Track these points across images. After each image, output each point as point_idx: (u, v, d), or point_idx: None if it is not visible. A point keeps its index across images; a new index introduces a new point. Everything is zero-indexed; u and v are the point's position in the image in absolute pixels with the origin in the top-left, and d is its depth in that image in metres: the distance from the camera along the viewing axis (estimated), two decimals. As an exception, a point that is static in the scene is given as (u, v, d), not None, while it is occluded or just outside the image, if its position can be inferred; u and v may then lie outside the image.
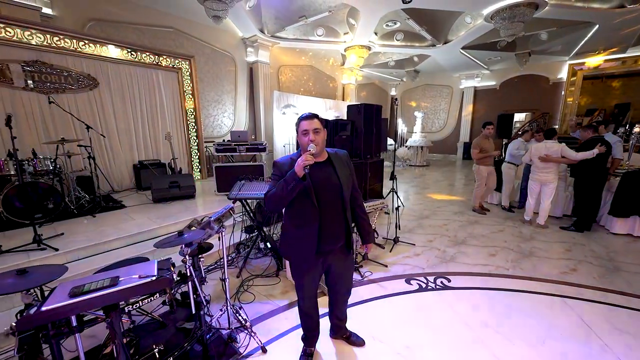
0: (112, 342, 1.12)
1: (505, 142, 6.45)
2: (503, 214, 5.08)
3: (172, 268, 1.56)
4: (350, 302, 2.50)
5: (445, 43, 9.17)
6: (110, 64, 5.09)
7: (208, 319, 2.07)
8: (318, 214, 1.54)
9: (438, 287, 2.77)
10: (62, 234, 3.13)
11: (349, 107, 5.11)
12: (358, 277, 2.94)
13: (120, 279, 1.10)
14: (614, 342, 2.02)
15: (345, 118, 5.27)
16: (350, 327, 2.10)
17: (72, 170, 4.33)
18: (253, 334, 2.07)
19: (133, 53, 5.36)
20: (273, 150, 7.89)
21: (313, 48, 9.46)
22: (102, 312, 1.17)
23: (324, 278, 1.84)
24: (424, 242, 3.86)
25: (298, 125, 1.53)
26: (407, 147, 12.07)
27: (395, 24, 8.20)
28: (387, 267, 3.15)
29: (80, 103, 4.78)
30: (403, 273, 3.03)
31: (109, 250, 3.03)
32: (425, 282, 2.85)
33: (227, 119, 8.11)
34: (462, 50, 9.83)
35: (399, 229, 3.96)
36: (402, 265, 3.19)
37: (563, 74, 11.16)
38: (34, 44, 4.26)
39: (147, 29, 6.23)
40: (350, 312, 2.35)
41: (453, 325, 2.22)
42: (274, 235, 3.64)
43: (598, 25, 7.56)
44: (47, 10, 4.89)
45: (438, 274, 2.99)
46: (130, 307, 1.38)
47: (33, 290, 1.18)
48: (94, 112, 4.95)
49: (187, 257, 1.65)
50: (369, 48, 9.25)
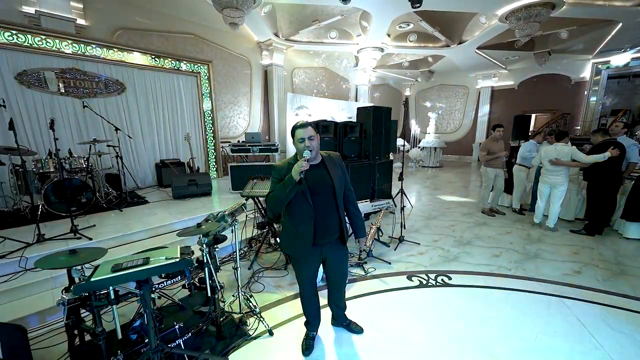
0: (143, 310, 1.34)
1: (512, 144, 6.45)
2: (513, 217, 5.07)
3: (191, 254, 1.79)
4: (353, 295, 2.68)
5: (460, 43, 9.10)
6: (136, 70, 5.49)
7: (221, 304, 2.30)
8: (313, 212, 1.72)
9: (438, 284, 2.88)
10: (94, 226, 3.47)
11: (359, 109, 5.24)
12: (362, 272, 3.10)
13: (151, 259, 1.33)
14: (607, 340, 2.07)
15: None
16: (351, 317, 2.26)
17: (101, 168, 4.74)
18: (262, 319, 2.28)
19: (156, 59, 5.74)
20: (286, 151, 8.13)
21: (326, 50, 9.63)
22: (134, 287, 1.40)
23: (322, 267, 2.01)
24: (429, 241, 3.95)
25: (293, 133, 1.69)
26: (420, 148, 12.01)
27: (408, 26, 8.24)
28: (390, 264, 3.29)
29: (109, 106, 5.20)
30: (405, 270, 3.16)
31: (135, 241, 3.34)
32: (426, 279, 2.97)
33: (242, 120, 8.44)
34: (477, 50, 9.70)
35: (405, 229, 4.07)
36: (405, 263, 3.32)
37: (586, 73, 10.75)
38: (70, 53, 4.68)
39: (169, 36, 6.63)
40: (352, 303, 2.53)
41: (449, 319, 2.34)
42: (284, 232, 3.85)
43: (621, 24, 7.30)
44: (81, 21, 5.35)
45: (439, 272, 3.10)
46: (156, 286, 1.61)
47: (81, 267, 1.43)
48: (121, 114, 5.36)
49: (204, 246, 1.88)
50: (382, 49, 9.32)
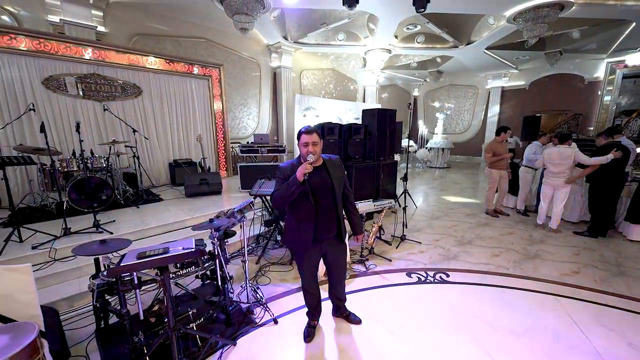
0: (163, 293, 1.53)
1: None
2: (517, 218, 5.10)
3: (204, 246, 1.98)
4: (354, 289, 2.84)
5: (468, 44, 9.09)
6: (152, 74, 5.77)
7: (231, 295, 2.49)
8: (315, 211, 1.87)
9: (436, 281, 3.00)
10: (113, 221, 3.73)
11: (364, 111, 5.37)
12: (363, 269, 3.24)
13: (170, 249, 1.52)
14: (595, 336, 2.16)
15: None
16: (351, 309, 2.41)
17: (119, 167, 5.03)
18: (267, 309, 2.46)
19: (170, 63, 6.01)
20: (293, 151, 8.33)
21: (334, 52, 9.78)
22: (155, 274, 1.60)
23: (323, 261, 2.16)
24: (430, 240, 4.06)
25: (299, 137, 1.85)
26: (427, 148, 12.01)
27: (416, 27, 8.31)
28: (391, 261, 3.42)
29: (127, 109, 5.50)
30: (405, 267, 3.28)
31: (151, 236, 3.58)
32: (425, 276, 3.09)
33: (251, 121, 8.69)
34: (486, 51, 9.66)
35: (407, 228, 4.19)
36: (405, 261, 3.44)
37: (600, 73, 10.54)
38: (91, 59, 4.98)
39: (182, 40, 6.92)
40: (353, 297, 2.68)
41: (444, 313, 2.46)
42: (290, 229, 4.03)
43: (635, 23, 7.17)
44: (101, 28, 5.67)
45: (438, 270, 3.21)
46: (173, 275, 1.81)
47: (111, 254, 1.64)
48: (138, 116, 5.66)
49: (215, 239, 2.07)
50: (390, 51, 9.40)
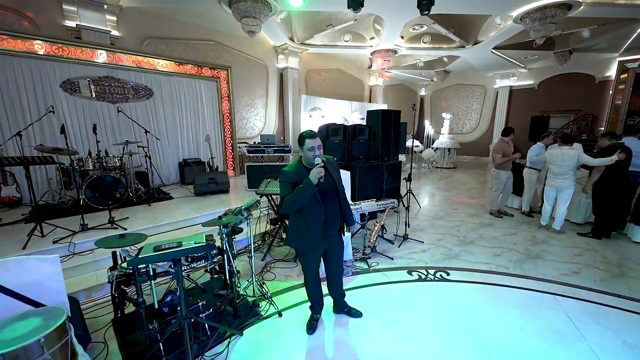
0: (176, 283, 1.66)
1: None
2: (521, 219, 5.11)
3: (214, 240, 2.11)
4: (355, 285, 2.94)
5: (475, 44, 9.06)
6: (163, 76, 5.96)
7: (237, 289, 2.62)
8: (323, 209, 2.00)
9: (437, 279, 3.08)
10: (127, 218, 3.91)
11: (369, 112, 5.45)
12: (365, 266, 3.34)
13: (183, 243, 1.65)
14: (591, 334, 2.21)
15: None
16: (352, 305, 2.50)
17: (132, 167, 5.23)
18: (272, 302, 2.58)
19: (180, 65, 6.19)
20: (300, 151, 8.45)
21: (340, 53, 9.86)
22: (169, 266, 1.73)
23: (322, 258, 2.26)
24: (433, 240, 4.12)
25: (304, 142, 1.95)
26: (433, 148, 11.99)
27: (422, 28, 8.33)
28: (393, 259, 3.51)
29: (139, 110, 5.70)
30: (407, 266, 3.37)
31: (162, 232, 3.75)
32: (426, 274, 3.17)
33: (258, 122, 8.84)
34: (494, 50, 9.60)
35: (409, 227, 4.26)
36: (407, 259, 3.52)
37: (612, 72, 10.34)
38: (105, 62, 5.19)
39: (192, 43, 7.10)
40: (354, 293, 2.79)
41: (442, 309, 2.55)
42: (295, 227, 4.15)
43: (646, 22, 7.06)
44: (114, 32, 5.88)
45: (439, 268, 3.29)
46: (185, 267, 1.95)
47: (128, 248, 1.78)
48: (149, 117, 5.86)
49: (224, 236, 2.19)
50: (396, 51, 9.43)
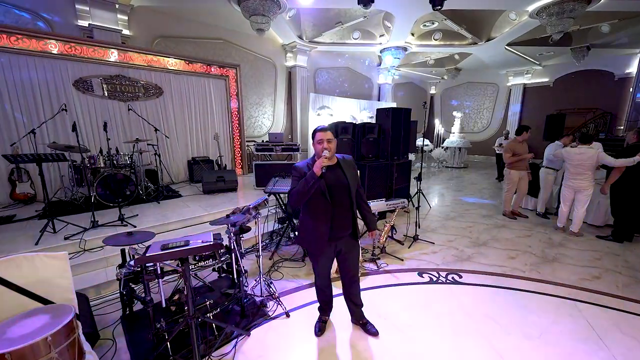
0: (184, 282, 1.64)
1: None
2: (536, 220, 4.95)
3: (221, 239, 2.08)
4: (364, 287, 2.87)
5: (488, 40, 8.84)
6: (172, 75, 6.00)
7: (245, 288, 2.59)
8: (331, 208, 1.90)
9: (448, 281, 2.99)
10: (137, 215, 3.94)
11: (378, 110, 5.36)
12: (374, 267, 3.27)
13: (190, 242, 1.62)
14: (615, 343, 2.09)
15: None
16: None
17: (142, 164, 5.28)
18: (280, 303, 2.54)
19: (189, 64, 6.22)
20: (307, 150, 8.42)
21: (349, 50, 9.77)
22: (177, 265, 1.71)
23: (336, 260, 2.17)
24: (444, 241, 4.02)
25: (314, 136, 1.90)
26: (443, 148, 11.78)
27: (433, 24, 8.16)
28: (402, 261, 3.43)
29: (149, 108, 5.75)
30: (417, 267, 3.28)
31: (171, 230, 3.76)
32: (437, 276, 3.08)
33: (266, 120, 8.84)
34: (507, 47, 9.35)
35: (419, 228, 4.16)
36: (417, 261, 3.44)
37: (632, 68, 9.93)
38: (117, 61, 5.25)
39: (201, 42, 7.13)
40: (363, 295, 2.69)
41: (455, 314, 2.46)
42: (303, 227, 4.11)
43: (671, 15, 6.73)
44: (126, 32, 5.95)
45: (450, 270, 3.19)
46: (192, 265, 1.92)
47: (136, 246, 1.77)
48: (159, 116, 5.91)
49: (232, 234, 2.16)
50: (406, 49, 9.28)
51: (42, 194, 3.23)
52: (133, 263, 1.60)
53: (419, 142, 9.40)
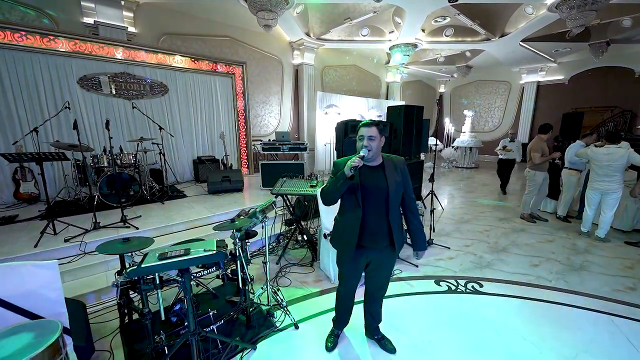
0: (184, 296, 1.48)
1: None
2: (557, 224, 4.68)
3: (226, 246, 1.92)
4: (378, 295, 2.68)
5: (502, 36, 8.53)
6: (178, 73, 5.89)
7: (251, 296, 2.43)
8: (361, 212, 1.69)
9: (468, 291, 2.78)
10: (140, 216, 3.82)
11: (389, 108, 5.14)
12: (387, 274, 3.08)
13: (191, 250, 1.46)
14: (663, 367, 1.87)
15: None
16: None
17: (146, 164, 5.18)
18: (288, 312, 2.37)
19: (195, 62, 6.10)
20: (315, 149, 8.24)
21: (357, 48, 9.56)
22: (176, 274, 1.56)
23: (364, 271, 1.93)
24: (460, 246, 3.80)
25: (358, 130, 1.71)
26: (453, 147, 11.47)
27: (445, 20, 7.89)
28: (417, 267, 3.22)
29: (154, 107, 5.65)
30: (433, 274, 3.08)
31: (175, 232, 3.62)
32: (456, 284, 2.87)
33: (273, 119, 8.69)
34: (522, 43, 9.01)
35: (434, 232, 3.95)
36: (433, 267, 3.23)
37: (654, 65, 9.51)
38: (122, 59, 5.15)
39: (207, 39, 7.01)
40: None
41: (479, 328, 2.25)
42: (311, 230, 3.94)
43: (700, 7, 6.35)
44: (131, 29, 5.85)
45: (470, 279, 2.98)
46: (194, 275, 1.76)
47: (132, 253, 1.62)
48: (164, 114, 5.80)
49: (237, 240, 2.00)
50: (416, 46, 9.03)
51: (46, 194, 3.13)
52: (126, 275, 1.46)
53: (431, 141, 9.15)
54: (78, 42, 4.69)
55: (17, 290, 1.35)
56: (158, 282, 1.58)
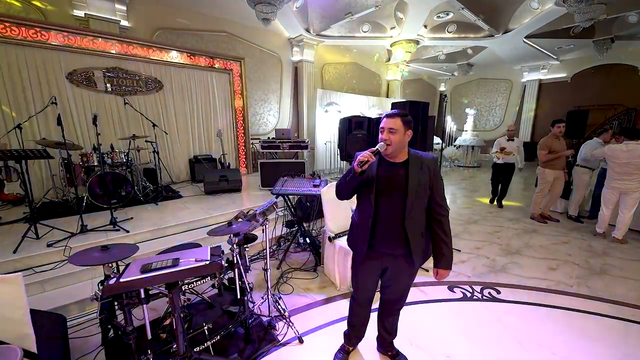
0: (172, 314, 1.28)
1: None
2: (569, 224, 4.49)
3: (221, 254, 1.71)
4: (388, 304, 2.47)
5: (506, 32, 8.34)
6: (173, 68, 5.65)
7: (250, 305, 2.22)
8: (373, 213, 1.51)
9: (485, 297, 2.58)
10: (131, 218, 3.59)
11: (394, 104, 4.93)
12: (397, 279, 2.87)
13: (180, 261, 1.25)
14: None
15: (389, 116, 5.13)
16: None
17: (140, 163, 4.94)
18: (291, 324, 2.16)
19: (192, 57, 5.87)
20: (315, 148, 8.02)
21: (358, 45, 9.35)
22: (164, 287, 1.34)
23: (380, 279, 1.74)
24: (471, 248, 3.60)
25: (381, 120, 1.51)
26: (455, 146, 11.30)
27: (448, 15, 7.69)
28: (428, 271, 3.02)
29: (148, 103, 5.41)
30: (446, 279, 2.86)
31: (168, 235, 3.40)
32: (471, 291, 2.67)
33: (272, 117, 8.46)
34: (526, 40, 8.84)
35: (443, 233, 3.75)
36: (445, 272, 3.03)
37: (658, 62, 9.39)
38: (114, 53, 4.91)
39: (204, 34, 6.78)
40: (387, 314, 2.32)
41: (502, 341, 2.05)
42: (313, 232, 3.73)
43: None
44: (124, 23, 5.61)
45: (485, 284, 2.78)
46: (186, 286, 1.54)
47: (113, 263, 1.40)
48: (159, 111, 5.56)
49: (234, 245, 1.79)
50: (418, 42, 8.83)
51: (29, 195, 2.90)
52: (101, 293, 1.24)
53: (436, 140, 8.97)
54: (67, 34, 4.44)
55: (-29, 310, 1.13)
56: (144, 295, 1.36)
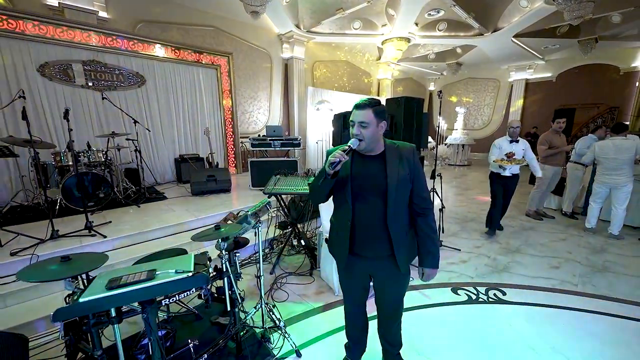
0: (148, 337, 1.07)
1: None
2: (564, 221, 4.47)
3: (208, 262, 1.50)
4: (390, 309, 2.31)
5: (495, 31, 8.40)
6: (157, 63, 5.35)
7: (242, 316, 2.01)
8: (351, 213, 1.35)
9: (491, 299, 2.46)
10: (109, 222, 3.30)
11: (388, 100, 4.79)
12: (397, 282, 2.72)
13: (157, 273, 1.04)
14: None
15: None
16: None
17: (120, 162, 4.63)
18: (287, 335, 1.96)
19: (177, 51, 5.58)
20: (306, 147, 7.83)
21: (348, 42, 9.23)
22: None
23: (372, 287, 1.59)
24: (471, 247, 3.50)
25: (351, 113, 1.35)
26: (446, 145, 11.35)
27: (439, 13, 7.65)
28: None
29: (129, 99, 5.09)
30: (449, 281, 2.75)
31: (151, 240, 3.14)
32: (476, 293, 2.55)
33: (262, 115, 8.22)
34: (514, 39, 8.93)
35: (442, 232, 3.64)
36: (447, 273, 2.90)
37: (638, 62, 9.67)
38: (92, 45, 4.58)
39: (190, 29, 6.47)
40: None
41: (512, 346, 1.93)
42: (308, 233, 3.54)
43: (691, 2, 6.37)
44: (102, 14, 5.25)
45: (490, 285, 2.66)
46: (167, 300, 1.33)
47: (79, 277, 1.18)
48: (141, 107, 5.24)
49: (223, 251, 1.58)
50: (409, 40, 8.78)
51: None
52: (52, 319, 1.01)
53: (430, 139, 8.93)
54: (37, 23, 4.09)
55: None
56: (114, 314, 1.15)
